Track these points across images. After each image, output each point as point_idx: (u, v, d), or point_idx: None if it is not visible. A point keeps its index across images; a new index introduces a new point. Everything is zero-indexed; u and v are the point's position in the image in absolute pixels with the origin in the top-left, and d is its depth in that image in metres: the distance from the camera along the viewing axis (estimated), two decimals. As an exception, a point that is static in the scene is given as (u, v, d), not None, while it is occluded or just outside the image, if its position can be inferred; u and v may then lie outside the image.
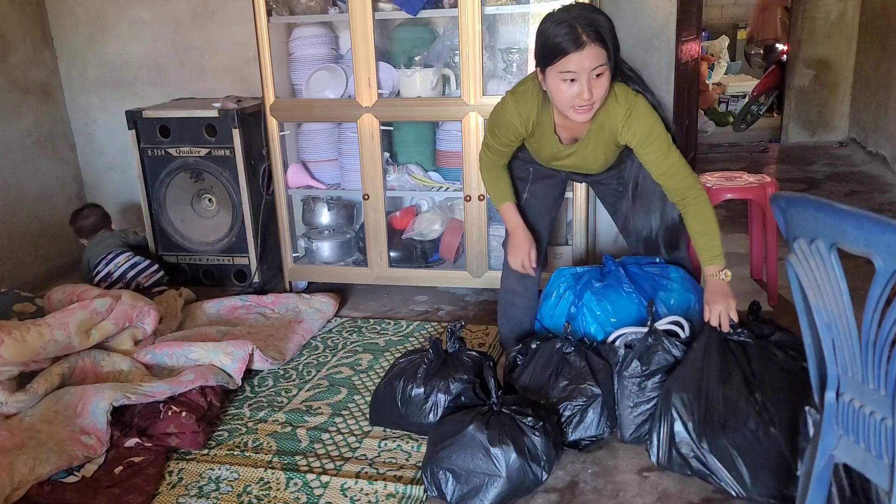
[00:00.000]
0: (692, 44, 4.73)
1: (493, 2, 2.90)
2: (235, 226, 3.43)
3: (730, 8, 9.35)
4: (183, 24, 3.70)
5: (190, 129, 3.33)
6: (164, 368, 2.61)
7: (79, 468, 2.13)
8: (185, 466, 2.16)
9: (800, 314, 1.39)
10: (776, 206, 1.35)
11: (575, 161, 2.27)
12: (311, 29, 3.27)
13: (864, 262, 1.17)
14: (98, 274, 3.29)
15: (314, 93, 3.19)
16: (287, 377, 2.66)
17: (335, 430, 2.31)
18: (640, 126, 2.09)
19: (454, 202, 3.35)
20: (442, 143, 3.25)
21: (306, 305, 3.14)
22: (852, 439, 1.35)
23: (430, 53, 3.12)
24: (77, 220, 3.51)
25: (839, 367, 1.35)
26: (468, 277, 3.17)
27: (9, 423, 2.28)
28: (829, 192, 4.67)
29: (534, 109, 2.16)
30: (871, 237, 1.16)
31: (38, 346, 2.39)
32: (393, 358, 2.67)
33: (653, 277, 2.43)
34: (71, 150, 4.02)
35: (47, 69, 3.86)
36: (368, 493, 1.99)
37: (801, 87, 6.20)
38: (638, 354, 2.15)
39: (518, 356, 2.37)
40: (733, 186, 2.93)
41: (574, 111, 2.00)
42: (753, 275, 3.33)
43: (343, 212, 3.45)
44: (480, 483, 1.91)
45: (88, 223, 3.49)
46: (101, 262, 3.31)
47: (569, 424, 2.14)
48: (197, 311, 3.14)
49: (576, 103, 1.98)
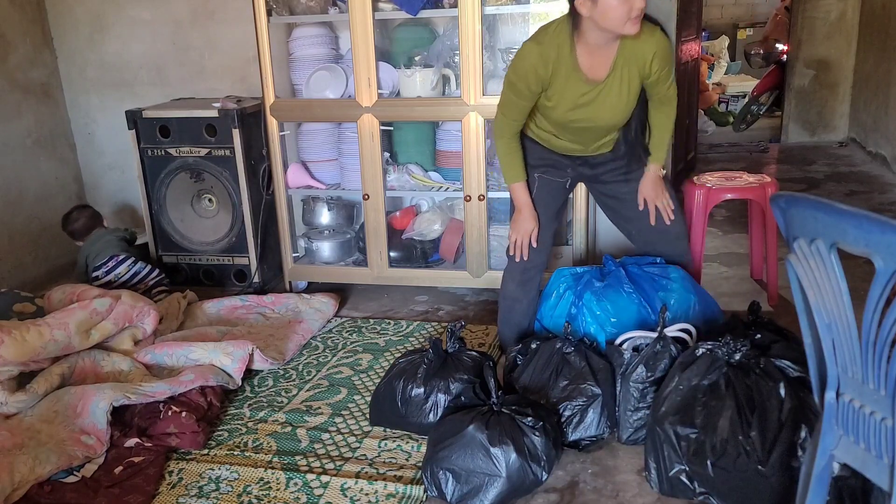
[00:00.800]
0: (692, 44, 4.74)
1: (493, 2, 2.90)
2: (235, 226, 3.43)
3: (730, 8, 9.35)
4: (183, 24, 3.70)
5: (190, 129, 3.33)
6: (164, 368, 2.61)
7: (79, 468, 2.13)
8: (185, 466, 2.16)
9: (800, 314, 1.39)
10: (776, 206, 1.35)
11: (595, 109, 2.28)
12: (311, 29, 3.27)
13: (864, 262, 1.17)
14: (97, 279, 3.26)
15: (314, 93, 3.19)
16: (287, 377, 2.66)
17: (335, 430, 2.31)
18: (664, 53, 2.25)
19: (454, 202, 3.35)
20: (442, 143, 3.25)
21: (306, 305, 3.14)
22: (852, 439, 1.35)
23: (430, 53, 3.12)
24: (68, 223, 3.47)
25: (839, 367, 1.35)
26: (468, 277, 3.17)
27: (9, 423, 2.28)
28: (829, 192, 4.67)
29: (558, 50, 2.21)
30: (871, 237, 1.15)
31: (38, 346, 2.39)
32: (393, 358, 2.67)
33: (653, 277, 2.44)
34: (71, 150, 4.02)
35: (47, 69, 3.86)
36: (368, 493, 1.99)
37: (801, 87, 6.19)
38: (644, 360, 2.14)
39: (518, 356, 2.37)
40: (733, 186, 2.93)
41: (632, 24, 2.10)
42: (753, 275, 3.33)
43: (343, 212, 3.45)
44: (480, 483, 1.91)
45: (80, 226, 3.46)
46: (102, 267, 3.27)
47: (569, 424, 2.14)
48: (197, 311, 3.14)
49: (633, 14, 2.08)
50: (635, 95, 2.30)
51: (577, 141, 2.41)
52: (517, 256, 2.46)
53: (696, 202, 2.91)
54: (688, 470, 1.89)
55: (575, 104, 2.28)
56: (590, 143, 2.42)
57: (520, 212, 2.44)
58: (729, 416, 1.86)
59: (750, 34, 8.94)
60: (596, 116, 2.30)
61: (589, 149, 2.44)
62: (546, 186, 2.48)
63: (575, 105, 2.28)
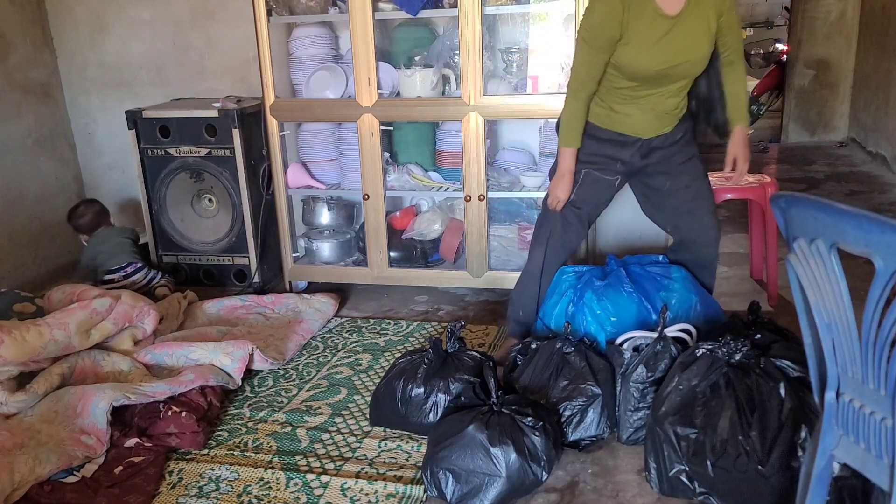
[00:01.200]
0: (692, 44, 4.73)
1: (493, 2, 2.90)
2: (235, 226, 3.43)
3: (730, 8, 9.34)
4: (183, 24, 3.70)
5: (190, 129, 3.33)
6: (164, 368, 2.61)
7: (79, 468, 2.13)
8: (185, 466, 2.16)
9: (800, 314, 1.39)
10: (776, 206, 1.35)
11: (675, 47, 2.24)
12: (311, 29, 3.27)
13: (864, 262, 1.17)
14: (112, 282, 3.29)
15: (314, 93, 3.19)
16: (287, 377, 2.66)
17: (335, 430, 2.31)
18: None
19: (454, 202, 3.35)
20: (442, 143, 3.25)
21: (306, 305, 3.14)
22: (852, 439, 1.35)
23: (430, 53, 3.12)
24: (74, 217, 3.50)
25: (839, 367, 1.35)
26: (468, 277, 3.17)
27: (9, 423, 2.28)
28: (829, 192, 4.67)
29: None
30: (871, 237, 1.15)
31: (38, 346, 2.39)
32: (393, 358, 2.67)
33: (654, 277, 2.44)
34: (71, 150, 4.02)
35: (47, 69, 3.86)
36: (368, 493, 1.99)
37: (801, 87, 6.20)
38: (644, 360, 2.14)
39: (518, 356, 2.37)
40: (733, 186, 2.93)
41: None
42: (753, 275, 3.33)
43: (343, 212, 3.45)
44: (480, 483, 1.91)
45: (86, 220, 3.47)
46: (119, 271, 3.31)
47: (569, 424, 2.14)
48: (197, 311, 3.14)
49: None
50: (713, 35, 2.28)
51: (647, 108, 2.35)
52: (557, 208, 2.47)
53: (696, 202, 2.90)
54: (688, 470, 1.89)
55: (654, 41, 2.23)
56: (661, 109, 2.36)
57: (562, 177, 2.42)
58: (729, 416, 1.86)
59: (750, 34, 8.94)
60: (676, 55, 2.25)
61: (657, 120, 2.38)
62: (594, 183, 2.45)
63: (654, 42, 2.23)
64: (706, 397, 1.92)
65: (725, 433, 1.84)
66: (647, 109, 2.35)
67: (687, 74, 2.31)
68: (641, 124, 2.37)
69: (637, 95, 2.32)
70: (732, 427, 1.84)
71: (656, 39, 2.22)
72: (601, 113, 2.39)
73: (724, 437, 1.84)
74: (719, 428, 1.86)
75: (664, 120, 2.38)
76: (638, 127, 2.38)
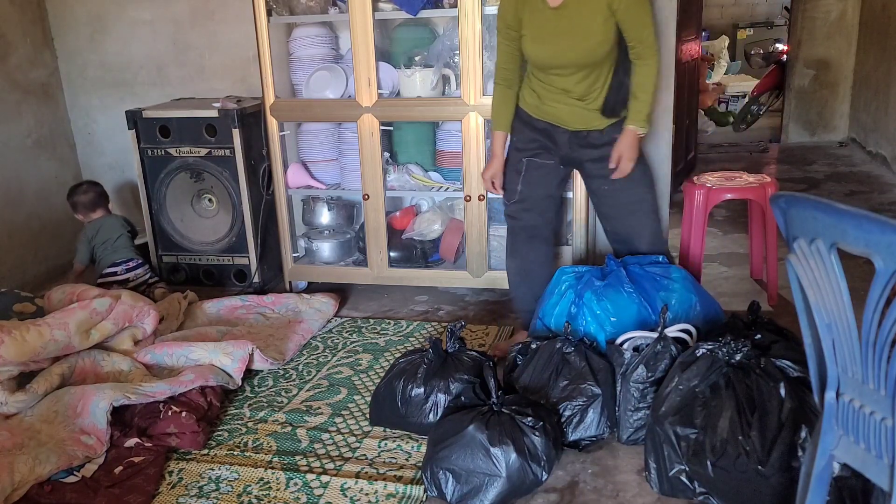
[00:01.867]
0: (692, 44, 4.73)
1: (493, 2, 2.90)
2: (235, 226, 3.43)
3: (730, 8, 9.35)
4: (183, 24, 3.70)
5: (190, 129, 3.33)
6: (164, 368, 2.61)
7: (79, 468, 2.13)
8: (185, 466, 2.16)
9: (800, 314, 1.39)
10: (776, 206, 1.35)
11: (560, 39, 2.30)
12: (311, 29, 3.27)
13: (864, 262, 1.17)
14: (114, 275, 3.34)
15: (314, 93, 3.19)
16: (287, 377, 2.66)
17: (335, 430, 2.31)
18: None
19: (454, 202, 3.35)
20: (442, 143, 3.25)
21: (306, 305, 3.14)
22: (852, 439, 1.35)
23: (430, 53, 3.12)
24: (75, 194, 3.48)
25: (839, 367, 1.35)
26: (468, 277, 3.17)
27: (9, 423, 2.28)
28: (829, 192, 4.67)
29: None
30: (871, 237, 1.15)
31: (38, 346, 2.39)
32: (393, 358, 2.67)
33: (654, 277, 2.44)
34: (71, 150, 4.02)
35: (47, 69, 3.86)
36: (368, 493, 1.99)
37: (801, 87, 6.20)
38: (645, 360, 2.14)
39: (518, 356, 2.37)
40: (733, 186, 2.93)
41: None
42: (753, 275, 3.33)
43: (343, 212, 3.45)
44: (480, 483, 1.91)
45: (87, 199, 3.46)
46: (122, 264, 3.36)
47: (569, 424, 2.14)
48: (197, 311, 3.14)
49: None
50: (608, 26, 2.28)
51: (562, 96, 2.41)
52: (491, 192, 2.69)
53: (696, 202, 2.91)
54: (688, 470, 1.89)
55: (543, 32, 2.33)
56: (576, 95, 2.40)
57: (493, 158, 2.61)
58: (729, 416, 1.86)
59: (750, 34, 8.95)
60: (562, 45, 2.32)
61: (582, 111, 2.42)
62: (537, 169, 2.55)
63: (543, 33, 2.33)
64: (706, 397, 1.92)
65: (725, 433, 1.84)
66: (563, 98, 2.43)
67: (579, 64, 2.35)
68: (565, 114, 2.45)
69: (548, 82, 2.43)
70: (732, 427, 1.84)
71: (545, 30, 2.33)
72: (532, 103, 2.50)
73: (724, 437, 1.84)
74: (719, 428, 1.86)
75: (588, 113, 2.43)
76: (565, 118, 2.46)
